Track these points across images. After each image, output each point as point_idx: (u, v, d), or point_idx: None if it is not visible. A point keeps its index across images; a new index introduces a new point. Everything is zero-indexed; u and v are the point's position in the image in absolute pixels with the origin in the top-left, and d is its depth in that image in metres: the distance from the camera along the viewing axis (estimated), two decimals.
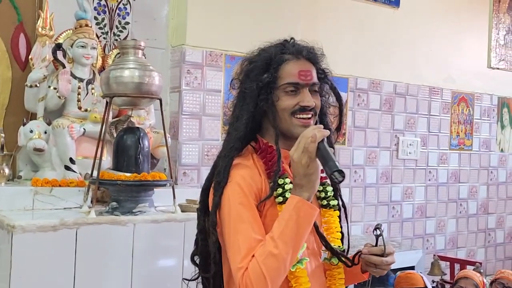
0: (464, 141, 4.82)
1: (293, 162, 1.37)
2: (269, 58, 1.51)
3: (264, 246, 1.33)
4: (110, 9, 3.11)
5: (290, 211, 1.35)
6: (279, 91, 1.49)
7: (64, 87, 2.72)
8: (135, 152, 2.48)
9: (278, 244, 1.32)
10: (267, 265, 1.31)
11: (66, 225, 2.18)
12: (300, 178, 1.36)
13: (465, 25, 4.73)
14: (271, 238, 1.34)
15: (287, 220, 1.34)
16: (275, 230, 1.35)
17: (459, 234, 4.81)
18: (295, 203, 1.35)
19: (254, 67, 1.52)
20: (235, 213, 1.40)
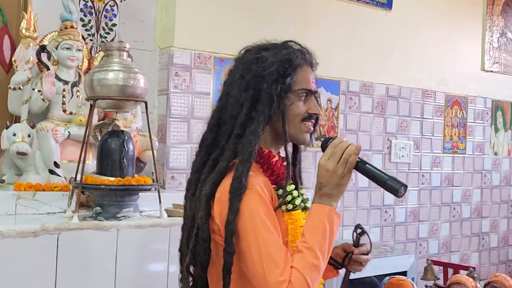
0: (457, 145, 4.78)
1: (326, 171, 1.37)
2: (287, 60, 1.45)
3: (305, 257, 1.31)
4: (96, 11, 3.07)
5: (324, 222, 1.34)
6: (294, 95, 1.46)
7: (48, 89, 2.68)
8: (119, 156, 2.44)
9: (318, 255, 1.31)
10: (312, 276, 1.30)
11: (47, 230, 2.14)
12: (331, 188, 1.37)
13: (459, 28, 4.71)
14: (309, 249, 1.31)
15: (323, 230, 1.33)
16: (312, 240, 1.32)
17: (453, 238, 4.77)
18: (327, 213, 1.35)
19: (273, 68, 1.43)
20: (261, 224, 1.32)
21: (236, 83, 1.45)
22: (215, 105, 1.52)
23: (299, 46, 1.51)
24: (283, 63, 1.44)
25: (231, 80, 1.49)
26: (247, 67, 1.45)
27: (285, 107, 1.44)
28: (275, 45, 1.50)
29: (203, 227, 1.37)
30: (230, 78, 1.50)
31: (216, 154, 1.43)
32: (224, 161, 1.39)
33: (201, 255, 1.38)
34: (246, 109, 1.41)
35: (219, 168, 1.39)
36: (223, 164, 1.39)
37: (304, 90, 1.47)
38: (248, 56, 1.48)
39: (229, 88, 1.48)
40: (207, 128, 1.49)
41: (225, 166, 1.39)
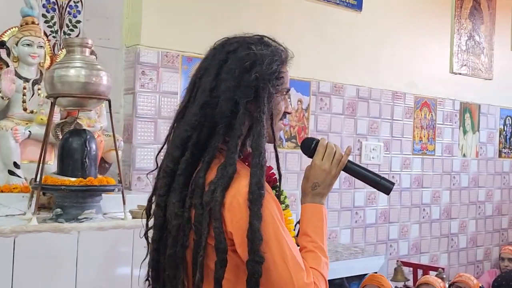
0: (427, 146, 4.80)
1: (322, 171, 1.42)
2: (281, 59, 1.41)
3: (318, 257, 1.36)
4: (60, 7, 2.97)
5: (323, 221, 1.41)
6: (279, 94, 1.42)
7: (7, 87, 2.58)
8: (81, 156, 2.35)
9: (326, 253, 1.38)
10: (327, 274, 1.36)
11: (3, 233, 2.04)
12: (324, 187, 1.42)
13: (428, 30, 4.73)
14: (319, 248, 1.37)
15: (325, 230, 1.41)
16: (319, 240, 1.39)
17: (422, 239, 4.79)
18: (324, 213, 1.42)
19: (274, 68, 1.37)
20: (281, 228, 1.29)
21: (228, 79, 1.35)
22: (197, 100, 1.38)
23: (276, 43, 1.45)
24: (278, 62, 1.39)
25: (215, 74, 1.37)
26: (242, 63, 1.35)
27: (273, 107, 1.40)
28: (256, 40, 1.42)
29: (219, 237, 1.25)
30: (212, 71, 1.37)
31: (210, 155, 1.33)
32: (233, 165, 1.29)
33: (218, 268, 1.26)
34: (244, 108, 1.32)
35: (227, 172, 1.28)
36: (232, 168, 1.28)
37: (286, 89, 1.45)
38: (241, 52, 1.37)
39: (214, 83, 1.36)
40: (188, 126, 1.36)
41: (234, 170, 1.29)
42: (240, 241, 1.25)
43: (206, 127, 1.35)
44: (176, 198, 1.34)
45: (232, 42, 1.42)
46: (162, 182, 1.38)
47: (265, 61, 1.35)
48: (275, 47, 1.42)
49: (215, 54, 1.41)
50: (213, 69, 1.37)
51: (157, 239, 1.39)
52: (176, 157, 1.36)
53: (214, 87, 1.35)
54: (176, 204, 1.33)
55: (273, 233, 1.26)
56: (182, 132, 1.37)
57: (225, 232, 1.27)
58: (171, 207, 1.34)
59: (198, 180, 1.31)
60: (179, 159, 1.35)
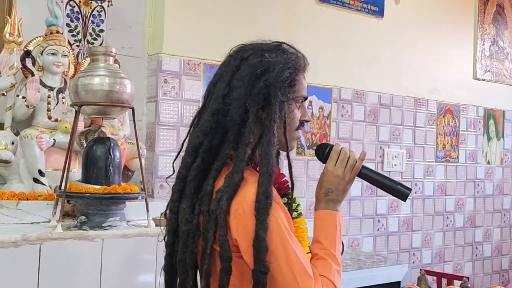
0: (450, 153, 4.74)
1: (335, 177, 1.40)
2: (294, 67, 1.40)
3: (330, 265, 1.33)
4: (83, 16, 3.01)
5: (336, 228, 1.38)
6: (293, 102, 1.40)
7: (32, 95, 2.61)
8: (105, 164, 2.37)
9: (339, 261, 1.36)
10: (339, 282, 1.34)
11: (29, 240, 2.06)
12: (338, 193, 1.40)
13: (450, 36, 4.69)
14: (331, 256, 1.35)
15: (338, 237, 1.38)
16: (332, 247, 1.36)
17: (446, 247, 4.72)
18: (338, 219, 1.39)
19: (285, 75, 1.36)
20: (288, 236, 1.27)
21: (239, 86, 1.35)
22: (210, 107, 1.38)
23: (294, 50, 1.45)
24: (291, 69, 1.38)
25: (228, 81, 1.37)
26: (254, 70, 1.35)
27: (286, 115, 1.37)
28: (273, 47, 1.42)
29: (224, 245, 1.26)
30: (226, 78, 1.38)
31: (220, 163, 1.33)
32: (240, 173, 1.28)
33: (222, 276, 1.26)
34: (253, 116, 1.32)
35: (234, 181, 1.28)
36: (238, 176, 1.28)
37: (302, 97, 1.43)
38: (253, 59, 1.37)
39: (226, 89, 1.36)
40: (201, 132, 1.37)
41: (241, 178, 1.28)
42: (246, 249, 1.25)
43: (218, 133, 1.35)
44: (187, 204, 1.34)
45: (247, 49, 1.42)
46: (175, 188, 1.40)
47: (276, 68, 1.35)
48: (290, 54, 1.41)
49: (229, 61, 1.42)
50: (227, 76, 1.38)
51: (171, 244, 1.41)
52: (188, 163, 1.37)
53: (226, 94, 1.36)
54: (186, 210, 1.34)
55: (279, 242, 1.25)
56: (195, 138, 1.38)
57: (230, 239, 1.27)
58: (182, 213, 1.36)
59: (207, 187, 1.31)
60: (191, 165, 1.36)
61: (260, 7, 3.53)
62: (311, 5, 3.83)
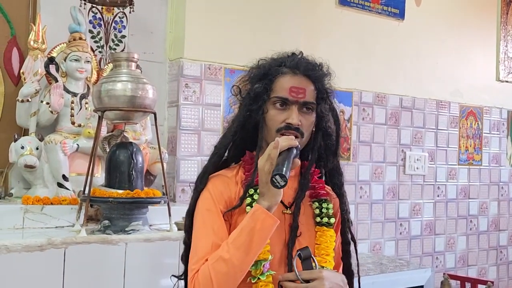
0: (473, 156, 4.69)
1: (259, 170, 1.35)
2: (265, 68, 1.48)
3: (218, 251, 1.34)
4: (105, 22, 3.04)
5: (247, 219, 1.34)
6: (269, 103, 1.45)
7: (56, 101, 2.65)
8: (128, 168, 2.39)
9: (230, 249, 1.32)
10: (216, 269, 1.31)
11: (54, 244, 2.08)
12: (262, 186, 1.35)
13: (472, 38, 4.64)
14: (226, 243, 1.34)
15: (243, 227, 1.33)
16: (231, 236, 1.35)
17: (470, 251, 4.66)
18: (253, 211, 1.34)
19: (252, 76, 1.51)
20: (200, 219, 1.42)
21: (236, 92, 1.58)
22: None
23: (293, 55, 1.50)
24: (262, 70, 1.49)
25: None
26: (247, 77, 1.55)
27: (262, 116, 1.45)
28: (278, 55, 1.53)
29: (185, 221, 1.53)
30: None
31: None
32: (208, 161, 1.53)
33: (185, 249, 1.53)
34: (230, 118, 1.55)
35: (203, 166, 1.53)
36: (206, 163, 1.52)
37: (277, 98, 1.44)
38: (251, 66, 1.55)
39: None
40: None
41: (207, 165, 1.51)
42: None
43: None
44: None
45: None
46: None
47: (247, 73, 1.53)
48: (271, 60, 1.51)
49: None
50: None
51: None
52: None
53: None
54: None
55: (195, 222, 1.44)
56: None
57: None
58: None
59: None
60: None
61: (280, 11, 3.53)
62: (331, 8, 3.83)
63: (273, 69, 1.46)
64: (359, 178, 3.95)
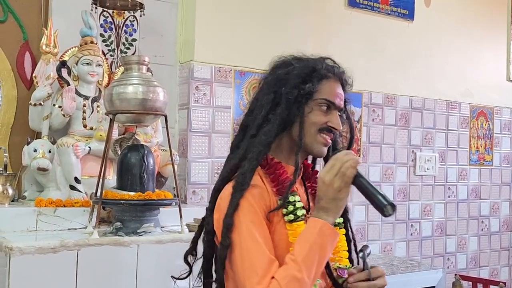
0: (484, 156, 4.67)
1: (323, 184, 1.33)
2: (312, 68, 1.45)
3: (287, 269, 1.27)
4: (116, 26, 3.07)
5: (314, 236, 1.30)
6: (314, 104, 1.44)
7: (68, 105, 2.68)
8: (139, 171, 2.41)
9: (302, 268, 1.27)
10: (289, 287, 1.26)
11: (67, 246, 2.11)
12: (327, 202, 1.32)
13: (482, 38, 4.62)
14: (294, 261, 1.28)
15: (312, 244, 1.29)
16: (298, 253, 1.29)
17: (481, 252, 4.64)
18: (320, 227, 1.31)
19: (294, 74, 1.45)
20: (246, 230, 1.31)
21: (263, 86, 1.49)
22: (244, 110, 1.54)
23: (332, 62, 1.51)
24: (306, 69, 1.45)
25: (261, 85, 1.52)
26: (273, 71, 1.48)
27: (303, 114, 1.42)
28: (310, 57, 1.51)
29: (207, 219, 1.40)
30: (261, 82, 1.52)
31: (235, 154, 1.45)
32: (236, 159, 1.41)
33: (205, 248, 1.41)
34: (265, 111, 1.43)
35: (229, 164, 1.43)
36: (234, 161, 1.41)
37: (325, 101, 1.44)
38: (279, 67, 1.49)
39: (258, 92, 1.51)
40: (237, 132, 1.53)
41: (236, 163, 1.40)
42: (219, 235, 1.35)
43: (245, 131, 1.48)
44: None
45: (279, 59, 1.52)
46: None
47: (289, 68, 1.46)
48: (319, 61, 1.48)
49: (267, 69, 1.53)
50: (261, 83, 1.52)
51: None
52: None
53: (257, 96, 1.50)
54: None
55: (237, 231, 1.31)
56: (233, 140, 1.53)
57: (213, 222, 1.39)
58: None
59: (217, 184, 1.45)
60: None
61: (290, 13, 3.54)
62: (341, 10, 3.83)
63: (322, 71, 1.46)
64: (369, 179, 3.93)
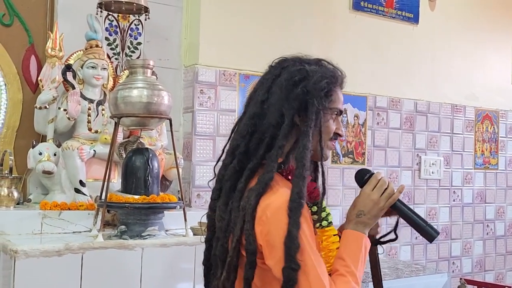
0: (489, 160, 4.66)
1: (370, 200, 1.41)
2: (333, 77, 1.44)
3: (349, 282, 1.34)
4: (121, 30, 3.08)
5: (361, 249, 1.38)
6: (329, 113, 1.43)
7: (73, 108, 2.68)
8: (144, 174, 2.41)
9: (359, 281, 1.36)
10: None
11: (71, 249, 2.11)
12: (369, 218, 1.41)
13: (487, 41, 4.61)
14: (351, 274, 1.35)
15: (362, 257, 1.38)
16: (354, 266, 1.36)
17: (487, 256, 4.62)
18: (364, 242, 1.39)
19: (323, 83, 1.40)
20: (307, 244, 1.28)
21: (277, 92, 1.39)
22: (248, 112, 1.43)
23: (333, 66, 1.49)
24: (329, 80, 1.42)
25: (267, 87, 1.42)
26: (292, 77, 1.40)
27: (321, 124, 1.40)
28: (312, 60, 1.47)
29: (249, 238, 1.29)
30: (266, 85, 1.43)
31: (254, 163, 1.37)
32: (270, 172, 1.32)
33: (247, 269, 1.30)
34: (289, 120, 1.36)
35: (263, 179, 1.32)
36: (269, 175, 1.32)
37: (337, 110, 1.45)
38: (292, 67, 1.42)
39: (265, 95, 1.41)
40: (239, 135, 1.42)
41: (271, 177, 1.32)
42: (269, 254, 1.28)
43: (255, 136, 1.39)
44: (222, 202, 1.40)
45: (288, 59, 1.47)
46: (214, 187, 1.46)
47: (314, 77, 1.39)
48: (328, 67, 1.46)
49: (270, 70, 1.47)
50: (267, 83, 1.43)
51: (209, 239, 1.48)
52: (226, 164, 1.43)
53: (265, 99, 1.41)
54: (221, 207, 1.40)
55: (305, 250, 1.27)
56: (233, 141, 1.44)
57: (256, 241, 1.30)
58: (218, 210, 1.42)
59: (240, 185, 1.36)
60: (228, 166, 1.42)
61: (294, 16, 3.55)
62: (345, 13, 3.83)
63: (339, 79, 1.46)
64: None
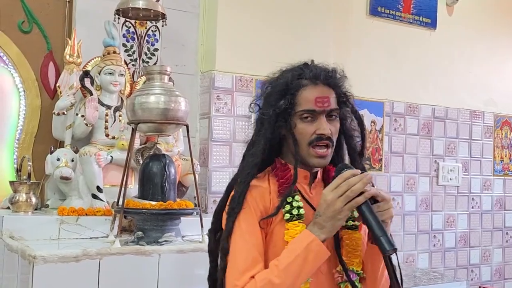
0: (508, 167, 4.59)
1: (324, 201, 1.33)
2: (286, 83, 1.46)
3: (267, 273, 1.34)
4: (139, 36, 3.09)
5: (302, 248, 1.32)
6: (296, 117, 1.44)
7: (91, 114, 2.70)
8: (161, 180, 2.42)
9: (281, 275, 1.31)
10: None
11: (89, 255, 2.11)
12: (324, 219, 1.33)
13: (505, 46, 4.55)
14: (276, 267, 1.33)
15: (297, 256, 1.32)
16: (282, 261, 1.33)
17: (506, 264, 4.55)
18: (309, 242, 1.32)
19: (271, 92, 1.48)
20: (238, 231, 1.40)
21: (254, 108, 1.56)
22: None
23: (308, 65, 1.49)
24: (279, 86, 1.46)
25: None
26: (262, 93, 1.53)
27: (290, 130, 1.44)
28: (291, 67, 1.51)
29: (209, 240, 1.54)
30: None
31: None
32: (232, 180, 1.49)
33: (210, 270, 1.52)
34: (254, 132, 1.50)
35: (228, 186, 1.50)
36: (230, 182, 1.50)
37: (304, 111, 1.43)
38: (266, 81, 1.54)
39: None
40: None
41: (230, 184, 1.49)
42: None
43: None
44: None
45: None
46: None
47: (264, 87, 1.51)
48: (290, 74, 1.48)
49: None
50: None
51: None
52: None
53: None
54: None
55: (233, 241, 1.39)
56: None
57: None
58: None
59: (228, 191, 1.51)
60: None
61: (311, 22, 3.54)
62: (362, 19, 3.82)
63: (294, 82, 1.45)
64: (391, 189, 3.91)
